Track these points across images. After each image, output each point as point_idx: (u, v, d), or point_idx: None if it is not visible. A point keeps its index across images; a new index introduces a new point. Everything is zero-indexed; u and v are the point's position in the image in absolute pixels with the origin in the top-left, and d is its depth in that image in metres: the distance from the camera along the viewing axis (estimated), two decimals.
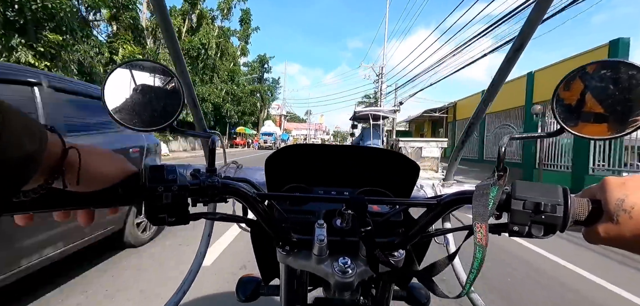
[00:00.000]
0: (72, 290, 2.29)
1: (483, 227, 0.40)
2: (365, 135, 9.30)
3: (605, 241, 0.39)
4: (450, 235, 0.88)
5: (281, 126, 53.64)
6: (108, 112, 0.56)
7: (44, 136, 0.31)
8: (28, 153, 0.28)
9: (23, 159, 0.27)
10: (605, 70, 0.51)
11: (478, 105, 0.76)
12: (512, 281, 2.83)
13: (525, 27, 0.59)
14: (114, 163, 0.41)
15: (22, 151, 0.27)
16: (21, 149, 0.27)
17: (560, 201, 0.41)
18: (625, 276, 3.14)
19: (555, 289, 2.74)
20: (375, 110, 10.77)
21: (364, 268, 0.53)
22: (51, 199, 0.39)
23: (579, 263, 3.38)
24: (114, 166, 0.41)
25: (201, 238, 0.94)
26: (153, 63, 0.61)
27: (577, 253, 3.70)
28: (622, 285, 2.89)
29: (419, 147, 9.35)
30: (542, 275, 3.04)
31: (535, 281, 2.87)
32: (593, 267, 3.28)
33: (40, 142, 0.30)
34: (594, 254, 3.71)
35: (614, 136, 0.51)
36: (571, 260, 3.46)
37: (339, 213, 0.57)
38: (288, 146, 0.66)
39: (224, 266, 2.82)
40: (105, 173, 0.40)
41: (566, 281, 2.91)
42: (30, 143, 0.28)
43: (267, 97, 45.98)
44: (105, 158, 0.41)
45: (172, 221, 0.45)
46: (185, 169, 0.74)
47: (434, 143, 9.55)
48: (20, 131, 0.27)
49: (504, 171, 0.45)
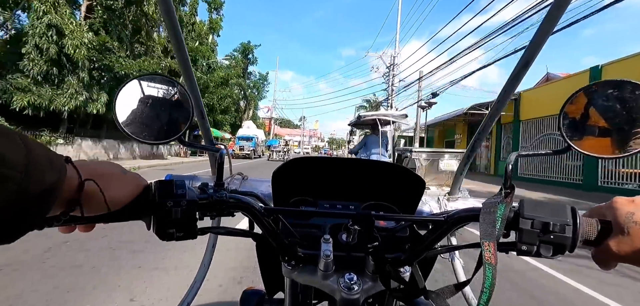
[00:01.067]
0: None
1: (491, 245, 0.39)
2: (369, 143, 7.89)
3: (617, 257, 0.39)
4: (456, 251, 0.87)
5: (271, 130, 48.54)
6: (118, 125, 0.57)
7: (63, 168, 0.32)
8: (49, 185, 0.29)
9: (45, 191, 0.29)
10: (611, 89, 0.52)
11: (484, 120, 0.76)
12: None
13: (533, 42, 0.59)
14: (127, 184, 0.43)
15: (44, 183, 0.29)
16: (44, 181, 0.29)
17: (569, 221, 0.41)
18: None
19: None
20: (383, 114, 9.29)
21: (370, 284, 0.52)
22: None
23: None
24: (127, 188, 0.42)
25: (205, 250, 0.94)
26: (162, 76, 0.62)
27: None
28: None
29: (435, 160, 7.47)
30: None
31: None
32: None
33: (59, 174, 0.31)
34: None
35: (620, 155, 0.51)
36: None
37: (345, 227, 0.57)
38: (295, 159, 0.67)
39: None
40: (119, 196, 0.41)
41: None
42: (51, 175, 0.30)
43: (252, 95, 38.65)
44: (119, 181, 0.42)
45: (181, 235, 0.45)
46: (192, 181, 0.75)
47: (453, 155, 7.72)
48: (43, 165, 0.29)
49: (511, 189, 0.45)
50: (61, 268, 2.72)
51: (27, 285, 2.41)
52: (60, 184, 0.31)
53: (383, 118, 8.82)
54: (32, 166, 0.27)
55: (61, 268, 2.72)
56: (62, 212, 0.35)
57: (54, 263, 2.83)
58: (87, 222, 0.41)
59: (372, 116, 9.09)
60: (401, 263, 0.54)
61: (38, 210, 0.29)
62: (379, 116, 8.86)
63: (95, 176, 0.37)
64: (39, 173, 0.28)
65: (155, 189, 0.44)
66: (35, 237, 3.09)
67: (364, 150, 7.84)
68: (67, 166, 0.34)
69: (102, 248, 3.27)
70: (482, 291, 0.38)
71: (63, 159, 0.33)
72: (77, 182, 0.35)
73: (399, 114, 9.98)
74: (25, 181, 0.26)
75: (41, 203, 0.29)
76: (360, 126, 10.74)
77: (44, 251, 3.04)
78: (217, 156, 0.58)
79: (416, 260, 0.55)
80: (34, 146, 0.28)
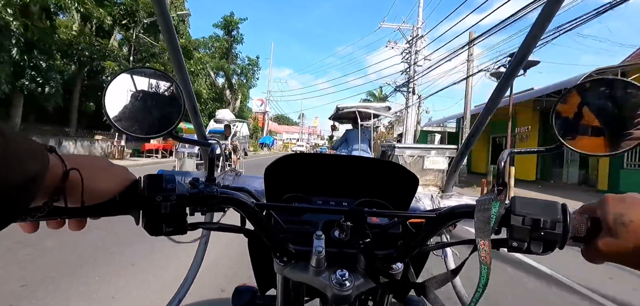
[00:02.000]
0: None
1: (487, 244, 0.39)
2: (350, 138, 7.35)
3: (605, 256, 0.39)
4: (449, 248, 0.88)
5: (265, 126, 43.70)
6: (108, 119, 0.56)
7: (46, 158, 0.31)
8: (31, 174, 0.29)
9: (26, 181, 0.28)
10: (602, 87, 0.52)
11: (478, 117, 0.77)
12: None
13: (525, 43, 0.59)
14: (113, 177, 0.42)
15: (25, 172, 0.28)
16: (25, 171, 0.28)
17: (560, 218, 0.41)
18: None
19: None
20: (364, 106, 8.46)
21: (362, 280, 0.52)
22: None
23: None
24: (114, 181, 0.42)
25: (197, 247, 0.93)
26: (154, 70, 0.61)
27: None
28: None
29: (420, 157, 7.03)
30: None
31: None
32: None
33: (42, 163, 0.31)
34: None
35: (611, 153, 0.52)
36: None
37: (337, 224, 0.56)
38: (287, 156, 0.66)
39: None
40: (105, 189, 0.40)
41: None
42: (32, 165, 0.29)
43: (241, 83, 30.93)
44: (106, 172, 0.41)
45: (170, 231, 0.44)
46: (184, 177, 0.74)
47: (440, 152, 7.25)
48: (23, 154, 0.28)
49: (504, 186, 0.45)
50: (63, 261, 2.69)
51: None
52: (43, 174, 0.31)
53: (363, 111, 8.11)
54: (11, 155, 0.26)
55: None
56: (45, 203, 0.34)
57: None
58: (71, 215, 0.40)
59: (352, 108, 8.21)
60: (393, 259, 0.54)
61: (20, 200, 0.29)
62: (360, 108, 8.12)
63: (80, 166, 0.36)
64: (19, 162, 0.27)
65: (144, 183, 0.43)
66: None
67: (345, 146, 7.35)
68: (51, 156, 0.33)
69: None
70: (476, 290, 0.38)
71: (45, 149, 0.32)
72: (61, 171, 0.34)
73: (381, 106, 9.19)
74: (4, 171, 0.25)
75: (23, 193, 0.29)
76: (341, 119, 9.64)
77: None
78: (208, 151, 0.57)
79: (408, 256, 0.55)
80: (12, 135, 0.27)
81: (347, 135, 7.58)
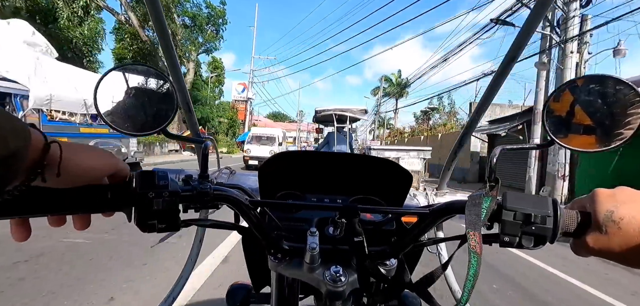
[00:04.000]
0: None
1: (477, 235, 0.40)
2: (331, 140, 7.81)
3: (594, 252, 0.40)
4: (443, 245, 0.88)
5: (246, 120, 31.89)
6: (99, 115, 0.56)
7: (27, 133, 0.30)
8: (13, 151, 0.28)
9: (8, 158, 0.27)
10: (593, 84, 0.53)
11: (471, 115, 0.77)
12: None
13: (518, 38, 0.60)
14: (99, 157, 0.40)
15: (7, 149, 0.27)
16: (7, 147, 0.27)
17: (550, 213, 0.41)
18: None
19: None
20: (340, 109, 8.71)
21: (356, 276, 0.52)
22: (36, 202, 0.38)
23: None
24: (99, 161, 0.39)
25: (192, 244, 0.93)
26: (147, 67, 0.60)
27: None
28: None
29: (396, 158, 7.15)
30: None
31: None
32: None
33: (24, 140, 0.30)
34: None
35: (602, 149, 0.52)
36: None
37: (331, 221, 0.56)
38: (281, 153, 0.66)
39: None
40: (88, 167, 0.38)
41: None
42: (14, 141, 0.28)
43: (192, 38, 19.95)
44: (90, 152, 0.39)
45: (162, 227, 0.44)
46: (177, 174, 0.74)
47: (415, 153, 7.70)
48: (5, 130, 0.27)
49: (496, 182, 0.46)
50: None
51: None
52: (25, 150, 0.30)
53: (340, 114, 8.49)
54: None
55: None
56: (22, 182, 0.32)
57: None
58: (57, 207, 0.38)
59: (329, 112, 8.60)
60: (387, 255, 0.54)
61: (1, 179, 0.28)
62: (336, 111, 8.51)
63: (62, 143, 0.35)
64: (1, 136, 0.26)
65: (136, 180, 0.43)
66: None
67: (327, 147, 7.76)
68: (32, 131, 0.32)
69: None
70: (466, 280, 0.38)
71: (26, 126, 0.31)
72: (41, 146, 0.33)
73: (357, 109, 9.37)
74: None
75: (5, 171, 0.28)
76: (322, 122, 9.81)
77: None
78: (201, 147, 0.57)
79: (402, 252, 0.56)
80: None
81: (329, 137, 8.11)
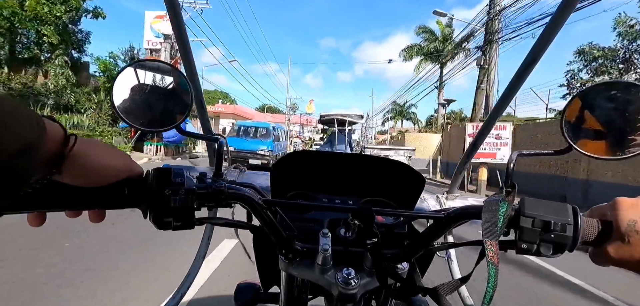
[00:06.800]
0: None
1: (493, 245, 0.39)
2: (333, 139, 9.05)
3: (614, 262, 0.39)
4: (452, 250, 0.88)
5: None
6: (115, 111, 0.56)
7: (42, 123, 0.30)
8: (28, 141, 0.27)
9: (23, 149, 0.27)
10: (614, 90, 0.52)
11: (487, 118, 0.76)
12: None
13: (538, 42, 0.59)
14: (118, 158, 0.40)
15: (21, 140, 0.27)
16: (21, 138, 0.27)
17: (570, 221, 0.41)
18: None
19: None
20: (341, 114, 10.08)
21: (368, 280, 0.52)
22: (55, 197, 0.38)
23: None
24: (119, 161, 0.40)
25: (201, 242, 0.93)
26: (162, 63, 0.61)
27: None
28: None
29: (386, 156, 7.53)
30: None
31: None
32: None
33: (39, 130, 0.29)
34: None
35: (619, 157, 0.51)
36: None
37: (344, 222, 0.56)
38: (294, 153, 0.66)
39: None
40: (108, 166, 0.38)
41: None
42: (29, 132, 0.28)
43: None
44: (109, 151, 0.39)
45: (178, 225, 0.44)
46: (190, 171, 0.74)
47: (402, 151, 8.79)
48: (16, 122, 0.27)
49: (513, 188, 0.45)
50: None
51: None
52: (41, 141, 0.29)
53: (340, 118, 9.70)
54: (1, 122, 0.25)
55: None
56: (44, 174, 0.32)
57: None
58: (76, 203, 0.39)
59: (331, 116, 9.97)
60: (399, 259, 0.54)
61: (19, 171, 0.28)
62: (337, 116, 9.78)
63: (81, 140, 0.35)
64: (11, 127, 0.26)
65: (152, 176, 0.43)
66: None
67: (329, 146, 9.38)
68: (48, 121, 0.32)
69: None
70: (486, 291, 0.38)
71: (40, 116, 0.31)
72: (60, 138, 0.32)
73: (355, 114, 10.60)
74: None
75: (21, 162, 0.27)
76: (326, 124, 11.20)
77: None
78: (215, 146, 0.57)
79: (414, 256, 0.55)
80: (4, 102, 0.26)
81: (331, 137, 9.24)
